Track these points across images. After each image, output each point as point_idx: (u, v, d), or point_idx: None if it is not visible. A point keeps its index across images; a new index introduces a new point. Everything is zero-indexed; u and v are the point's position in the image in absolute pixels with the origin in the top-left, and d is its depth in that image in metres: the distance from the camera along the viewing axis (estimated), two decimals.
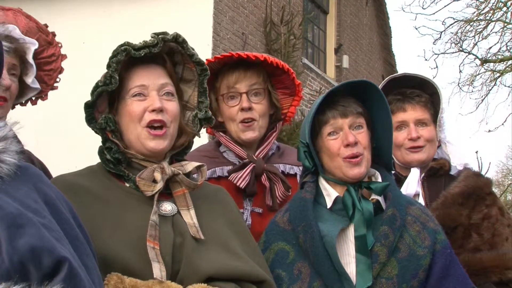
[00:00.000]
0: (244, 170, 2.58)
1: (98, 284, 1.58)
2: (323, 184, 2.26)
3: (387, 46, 17.29)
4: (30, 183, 1.61)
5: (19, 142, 1.70)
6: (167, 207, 1.95)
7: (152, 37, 1.98)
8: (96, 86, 1.95)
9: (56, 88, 2.66)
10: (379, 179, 2.25)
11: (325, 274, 2.07)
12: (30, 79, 2.44)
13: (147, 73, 1.99)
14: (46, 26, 2.57)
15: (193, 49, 2.04)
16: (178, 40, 2.01)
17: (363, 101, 2.26)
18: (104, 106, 2.02)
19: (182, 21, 9.26)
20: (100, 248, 1.77)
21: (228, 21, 10.08)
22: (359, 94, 2.25)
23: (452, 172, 2.70)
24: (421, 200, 2.65)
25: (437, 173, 2.71)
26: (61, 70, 2.62)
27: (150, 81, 1.98)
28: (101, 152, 2.01)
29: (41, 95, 2.62)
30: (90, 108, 1.98)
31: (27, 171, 1.65)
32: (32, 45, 2.40)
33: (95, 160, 2.08)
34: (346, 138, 2.17)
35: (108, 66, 1.94)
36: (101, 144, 2.03)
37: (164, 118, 1.96)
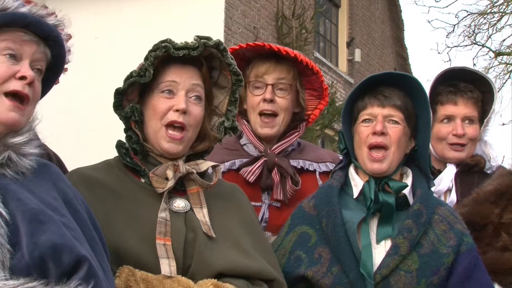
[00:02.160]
0: (254, 165, 2.59)
1: (112, 286, 1.61)
2: (352, 174, 2.28)
3: (400, 39, 17.20)
4: (50, 181, 1.64)
5: (38, 138, 1.73)
6: (180, 203, 1.96)
7: (194, 39, 1.99)
8: (130, 75, 1.97)
9: (66, 70, 2.70)
10: (409, 179, 2.25)
11: (344, 260, 2.09)
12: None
13: (182, 71, 2.00)
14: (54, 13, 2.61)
15: (233, 59, 2.05)
16: (219, 48, 2.02)
17: (412, 97, 2.23)
18: (134, 95, 2.04)
19: (194, 16, 9.27)
20: (113, 241, 1.79)
21: (239, 15, 10.08)
22: (407, 89, 2.23)
23: (487, 170, 2.68)
24: (452, 195, 2.63)
25: (471, 169, 2.69)
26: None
27: (182, 79, 1.99)
28: (118, 146, 2.03)
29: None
30: (120, 95, 2.00)
31: (47, 169, 1.68)
32: None
33: (106, 155, 2.09)
34: (375, 126, 2.18)
35: (146, 59, 1.95)
36: (115, 138, 2.05)
37: (185, 121, 1.97)
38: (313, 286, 2.10)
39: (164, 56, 1.98)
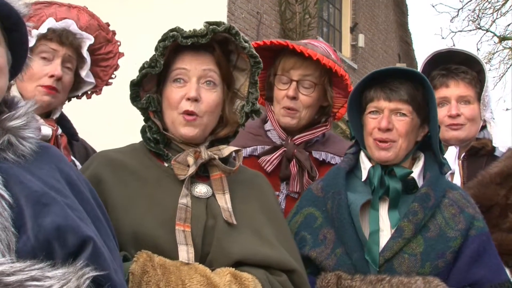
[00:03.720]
0: (274, 154, 2.58)
1: (118, 264, 1.60)
2: (362, 157, 2.30)
3: (404, 24, 17.12)
4: (52, 163, 1.62)
5: (37, 120, 1.72)
6: (202, 189, 1.95)
7: (203, 26, 1.97)
8: (142, 67, 1.97)
9: (110, 84, 2.74)
10: (421, 163, 2.25)
11: (347, 241, 2.10)
12: (84, 73, 2.52)
13: (193, 58, 1.99)
14: (108, 24, 2.65)
15: (247, 42, 2.02)
16: (231, 32, 1.99)
17: (422, 86, 2.22)
18: (151, 85, 2.03)
19: (197, 1, 9.22)
20: (133, 225, 1.80)
21: (243, 0, 10.03)
22: (417, 79, 2.22)
23: (497, 154, 2.66)
24: (457, 179, 2.64)
25: (478, 153, 2.68)
26: (116, 67, 2.69)
27: (193, 66, 1.97)
28: (143, 131, 2.03)
29: (96, 89, 2.69)
30: (136, 87, 2.00)
31: (48, 151, 1.66)
32: (88, 40, 2.48)
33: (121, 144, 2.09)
34: (380, 121, 2.17)
35: (155, 49, 1.95)
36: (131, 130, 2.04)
37: (197, 109, 1.95)
38: (317, 267, 2.10)
39: (176, 44, 1.97)
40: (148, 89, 2.03)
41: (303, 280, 1.92)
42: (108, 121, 8.99)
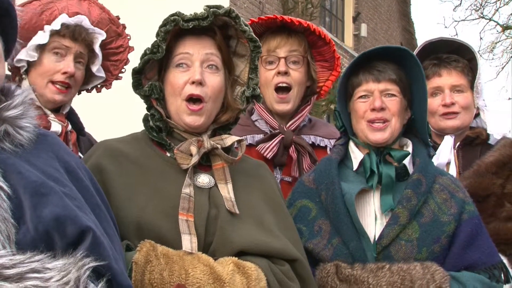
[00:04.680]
0: (272, 141, 2.60)
1: (119, 251, 1.60)
2: (352, 147, 2.30)
3: (406, 13, 17.05)
4: (50, 151, 1.62)
5: (36, 108, 1.72)
6: (205, 179, 1.95)
7: (204, 9, 1.96)
8: (144, 53, 1.96)
9: (120, 78, 2.75)
10: (410, 149, 2.26)
11: (344, 231, 2.10)
12: (96, 68, 2.53)
13: (194, 42, 1.98)
14: (118, 18, 2.65)
15: (247, 25, 2.01)
16: (231, 15, 1.98)
17: (405, 69, 2.24)
18: (153, 73, 2.03)
19: None
20: (136, 214, 1.80)
21: None
22: (400, 61, 2.23)
23: (491, 142, 2.66)
24: (452, 168, 2.63)
25: (473, 142, 2.68)
26: (126, 62, 2.70)
27: (195, 50, 1.97)
28: (145, 120, 2.03)
29: (106, 83, 2.70)
30: (138, 74, 1.99)
31: (46, 139, 1.65)
32: (100, 35, 2.49)
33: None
34: (373, 102, 2.18)
35: (157, 35, 1.94)
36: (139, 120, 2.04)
37: (202, 92, 1.95)
38: (315, 258, 2.10)
39: (177, 30, 1.96)
40: (150, 76, 2.02)
41: (305, 269, 1.92)
42: (114, 115, 8.99)
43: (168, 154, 1.98)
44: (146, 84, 2.00)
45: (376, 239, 2.09)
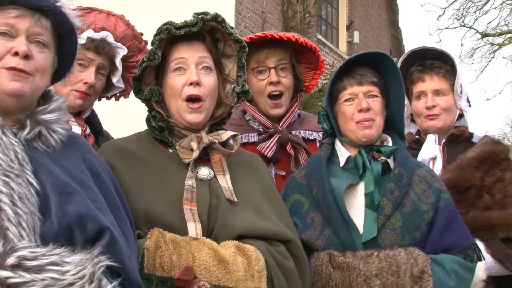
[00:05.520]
0: (271, 141, 2.60)
1: (133, 249, 1.60)
2: (338, 145, 2.30)
3: (395, 22, 16.98)
4: (78, 153, 1.62)
5: (67, 116, 1.70)
6: (205, 171, 1.94)
7: (192, 17, 1.96)
8: (142, 61, 1.96)
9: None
10: (390, 144, 2.26)
11: (334, 223, 2.10)
12: (116, 79, 2.52)
13: (188, 47, 1.98)
14: (142, 34, 2.63)
15: (232, 28, 2.02)
16: (218, 20, 1.98)
17: (380, 72, 2.25)
18: (151, 79, 2.03)
19: (207, 1, 9.14)
20: (145, 206, 1.80)
21: (249, 1, 9.98)
22: (376, 65, 2.25)
23: (475, 140, 2.65)
24: (438, 163, 2.63)
25: (457, 139, 2.67)
26: None
27: (189, 54, 1.97)
28: (148, 120, 2.02)
29: (124, 93, 2.69)
30: (137, 81, 1.99)
31: (76, 142, 1.65)
32: (122, 50, 2.48)
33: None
34: (360, 104, 2.18)
35: (152, 43, 1.94)
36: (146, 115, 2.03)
37: (200, 92, 1.95)
38: (308, 248, 2.09)
39: (170, 38, 1.96)
40: (149, 82, 2.02)
41: (298, 249, 1.92)
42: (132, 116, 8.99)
43: (170, 151, 1.98)
44: (145, 89, 2.00)
45: (364, 229, 2.08)
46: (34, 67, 1.56)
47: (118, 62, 2.47)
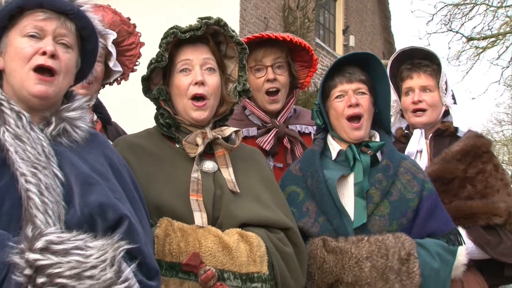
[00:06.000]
0: (269, 135, 2.60)
1: (150, 238, 1.61)
2: (330, 140, 2.31)
3: (387, 27, 16.94)
4: (99, 148, 1.63)
5: (89, 114, 1.73)
6: (209, 165, 1.95)
7: (197, 21, 1.97)
8: (150, 63, 1.97)
9: (135, 70, 2.72)
10: (377, 139, 2.27)
11: (328, 211, 2.11)
12: (112, 63, 2.51)
13: (193, 50, 1.99)
14: (129, 19, 2.63)
15: (234, 31, 2.03)
16: (220, 24, 1.99)
17: (368, 72, 2.26)
18: (158, 79, 2.03)
19: (213, 7, 9.16)
20: (155, 198, 1.80)
21: (252, 7, 9.97)
22: (364, 65, 2.26)
23: (460, 134, 2.65)
24: (424, 156, 2.63)
25: (443, 133, 2.67)
26: (139, 55, 2.67)
27: (194, 56, 1.98)
28: (156, 118, 2.03)
29: (124, 76, 2.68)
30: (146, 81, 2.00)
31: (96, 138, 1.67)
32: (112, 35, 2.47)
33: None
34: (349, 99, 2.19)
35: (160, 46, 1.95)
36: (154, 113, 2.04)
37: (204, 91, 1.95)
38: (304, 235, 2.10)
39: (176, 41, 1.97)
40: (157, 82, 2.03)
41: (297, 236, 1.94)
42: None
43: (177, 146, 1.99)
44: (154, 88, 2.01)
45: (355, 216, 2.09)
46: (60, 66, 1.58)
47: (110, 46, 2.45)
